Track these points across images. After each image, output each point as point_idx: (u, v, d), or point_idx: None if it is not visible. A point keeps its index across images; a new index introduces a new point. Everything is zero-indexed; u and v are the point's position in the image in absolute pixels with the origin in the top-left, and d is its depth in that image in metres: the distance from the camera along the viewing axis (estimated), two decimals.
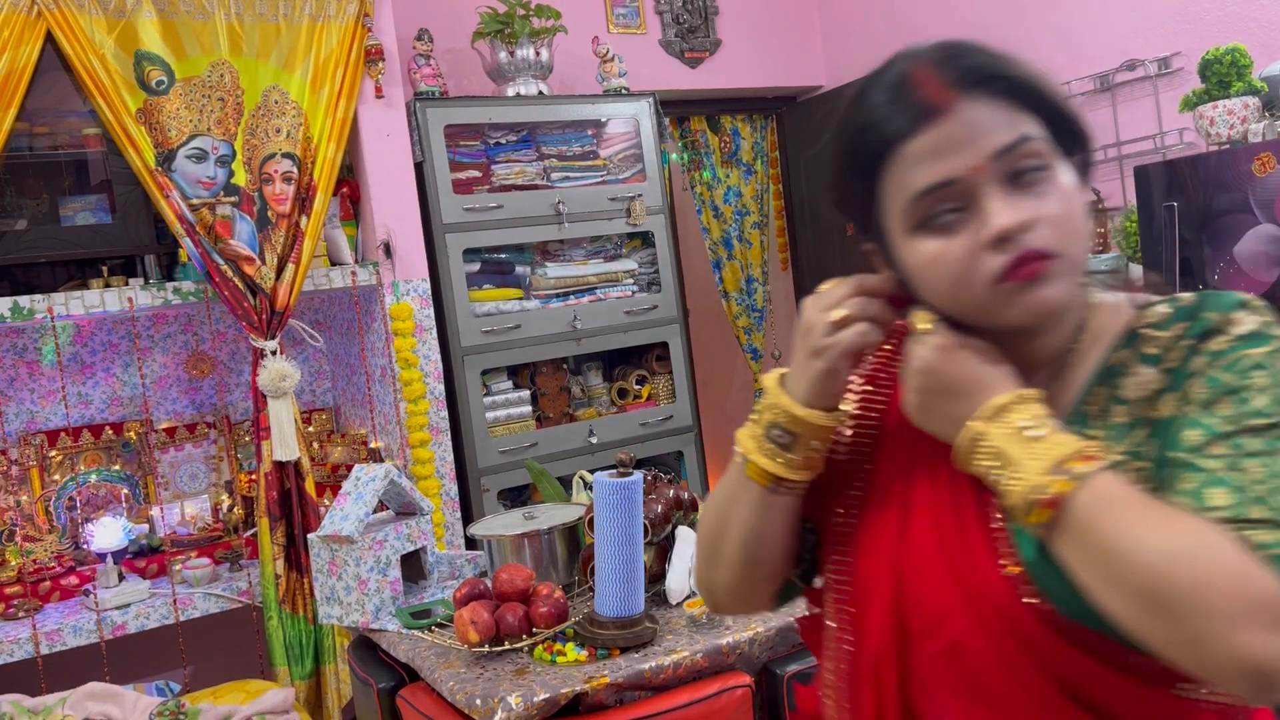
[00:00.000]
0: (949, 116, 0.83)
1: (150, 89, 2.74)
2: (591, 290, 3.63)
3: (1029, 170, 0.84)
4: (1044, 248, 0.83)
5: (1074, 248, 0.85)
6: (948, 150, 0.83)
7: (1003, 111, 0.84)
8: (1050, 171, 0.85)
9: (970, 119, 0.83)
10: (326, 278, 3.07)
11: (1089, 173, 0.91)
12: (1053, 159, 0.85)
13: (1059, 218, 0.84)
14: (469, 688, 1.63)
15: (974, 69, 0.85)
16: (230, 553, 3.01)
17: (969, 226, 0.84)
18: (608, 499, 1.70)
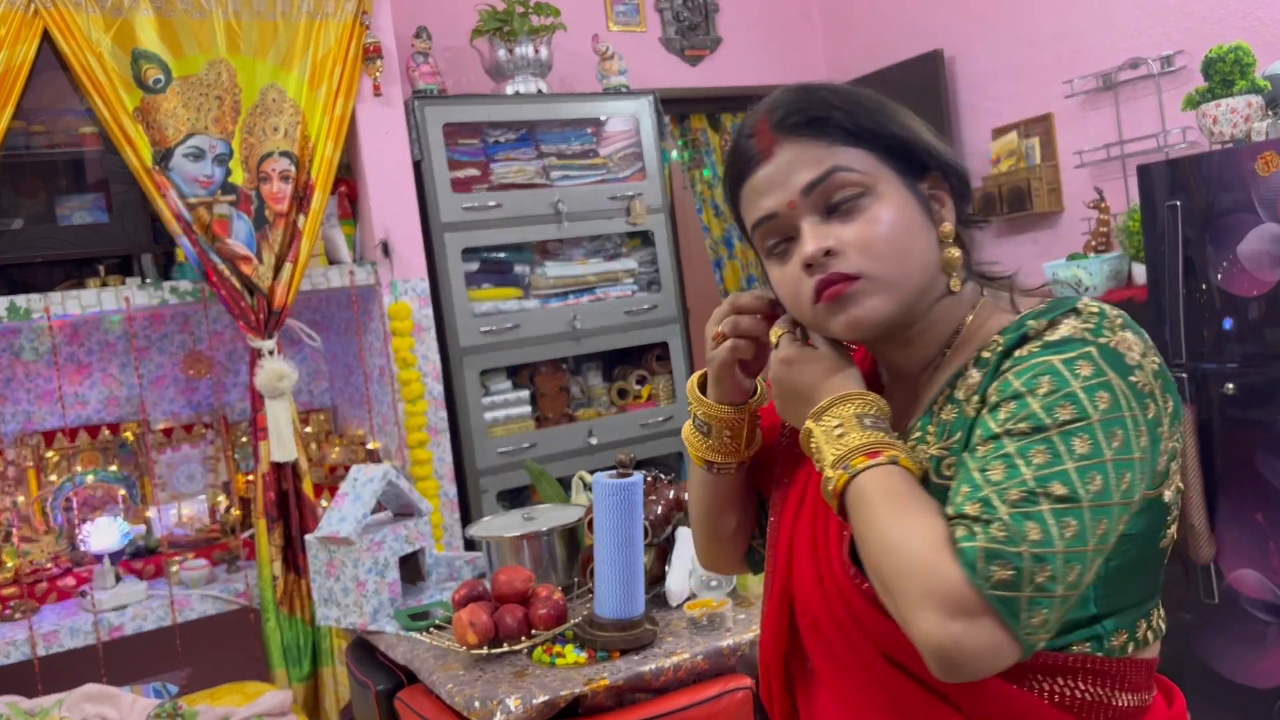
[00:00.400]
0: (770, 159, 0.95)
1: (147, 87, 2.73)
2: (591, 290, 3.62)
3: (845, 199, 0.93)
4: (847, 270, 0.92)
5: (881, 267, 0.92)
6: (769, 189, 0.96)
7: (817, 149, 0.94)
8: (868, 198, 0.93)
9: (786, 160, 0.95)
10: (324, 277, 3.05)
11: (947, 189, 0.98)
12: (875, 185, 0.93)
13: (865, 241, 0.92)
14: (467, 690, 1.62)
15: (792, 114, 0.95)
16: (228, 554, 2.99)
17: (795, 254, 0.96)
18: (607, 500, 1.69)
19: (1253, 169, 2.66)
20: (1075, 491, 0.81)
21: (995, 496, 0.81)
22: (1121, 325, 0.88)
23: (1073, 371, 0.84)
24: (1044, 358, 0.86)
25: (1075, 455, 0.82)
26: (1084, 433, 0.82)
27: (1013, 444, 0.83)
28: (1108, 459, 0.82)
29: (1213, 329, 2.78)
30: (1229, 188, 2.71)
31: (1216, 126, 2.90)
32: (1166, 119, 3.38)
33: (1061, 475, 0.81)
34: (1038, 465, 0.82)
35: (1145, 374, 0.86)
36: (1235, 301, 2.73)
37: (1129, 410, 0.84)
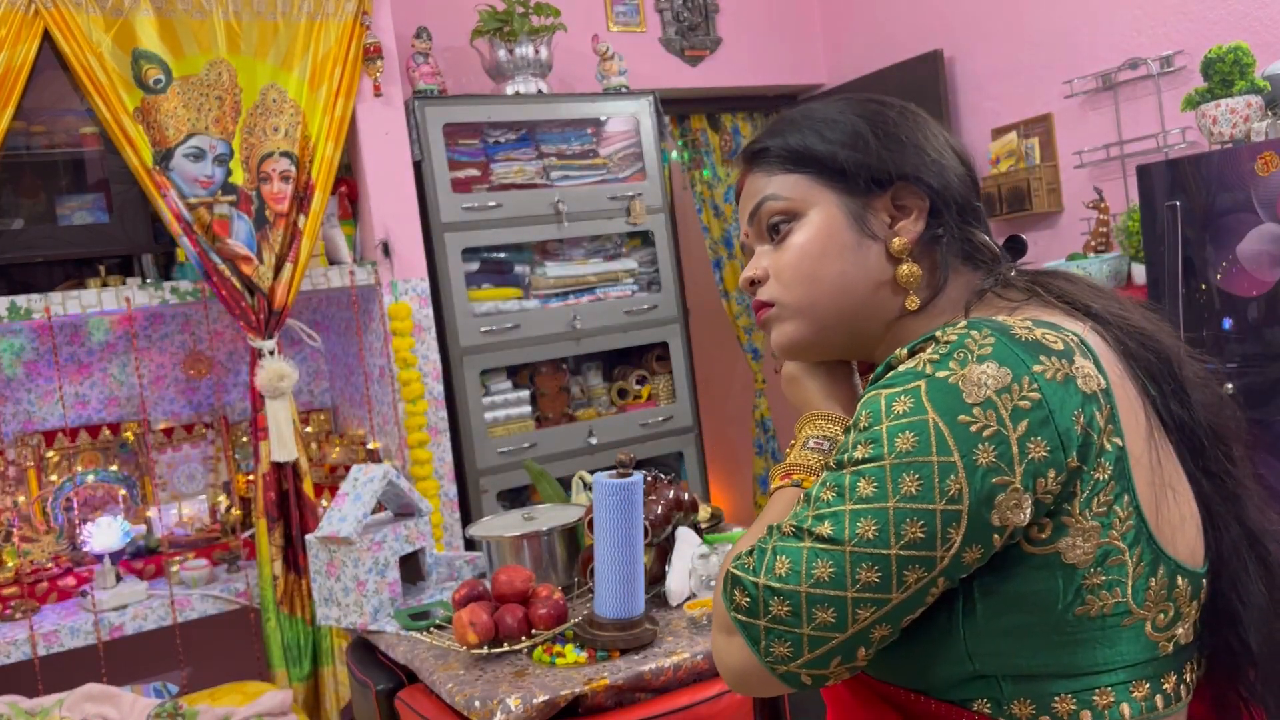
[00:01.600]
0: (742, 190, 1.02)
1: (148, 88, 2.73)
2: (591, 290, 3.62)
3: (776, 225, 0.97)
4: (763, 298, 0.99)
5: (788, 294, 0.96)
6: (740, 217, 1.03)
7: (760, 179, 0.98)
8: (794, 223, 0.96)
9: (747, 191, 1.00)
10: (324, 277, 3.06)
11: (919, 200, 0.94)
12: (804, 210, 0.96)
13: (780, 269, 0.97)
14: (468, 689, 1.62)
15: (751, 146, 1.00)
16: (228, 554, 2.99)
17: None
18: (607, 500, 1.69)
19: (1252, 169, 2.66)
20: (840, 534, 0.79)
21: (777, 528, 0.84)
22: (985, 355, 0.79)
23: (890, 408, 0.81)
24: (879, 389, 0.83)
25: (855, 497, 0.80)
26: (872, 475, 0.79)
27: (818, 480, 0.84)
28: (890, 505, 0.78)
29: (1212, 329, 2.78)
30: (1228, 188, 2.71)
31: (1216, 127, 2.90)
32: (1166, 119, 3.39)
33: (834, 515, 0.80)
34: (821, 502, 0.82)
35: (992, 414, 0.78)
36: (1235, 301, 2.73)
37: (940, 455, 0.77)
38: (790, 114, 1.01)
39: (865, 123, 0.96)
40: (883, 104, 0.98)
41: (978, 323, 0.82)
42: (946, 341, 0.81)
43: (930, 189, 0.94)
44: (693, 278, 4.86)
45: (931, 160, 0.94)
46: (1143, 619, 0.82)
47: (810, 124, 0.97)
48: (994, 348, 0.79)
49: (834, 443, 0.96)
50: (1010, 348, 0.79)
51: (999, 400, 0.78)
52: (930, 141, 0.96)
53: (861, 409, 0.83)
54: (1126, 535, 0.80)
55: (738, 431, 5.15)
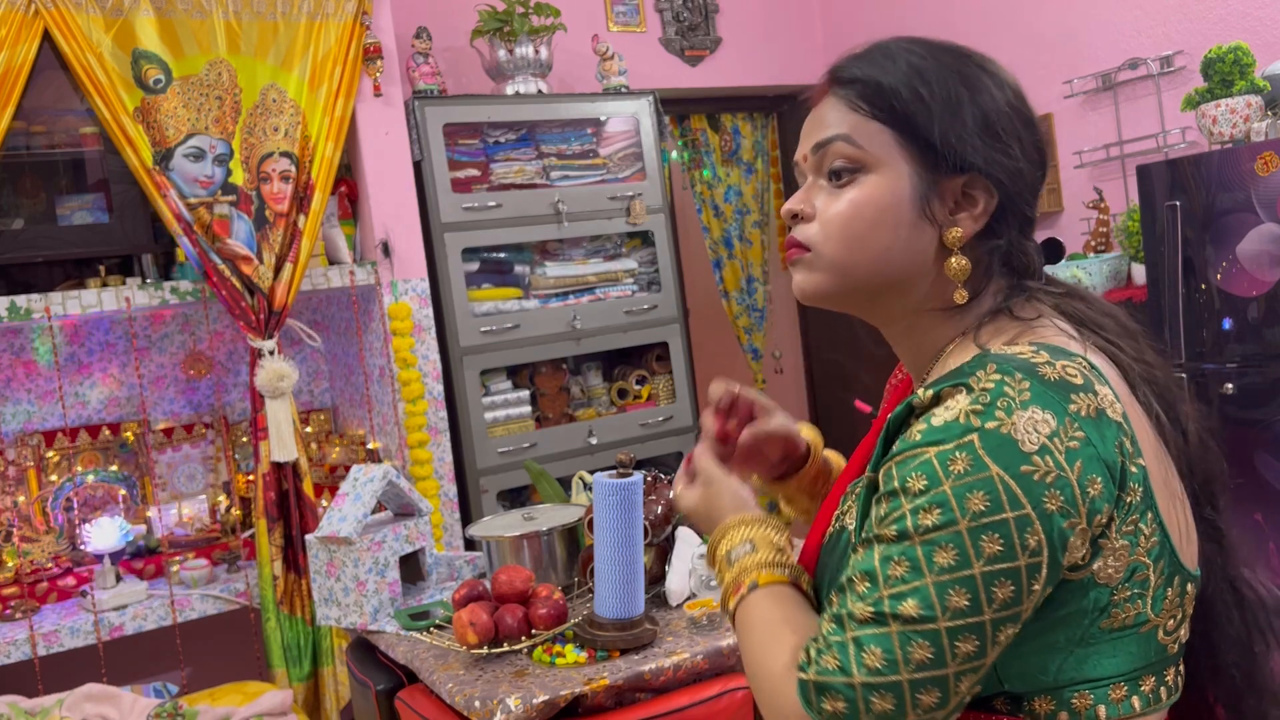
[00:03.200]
0: (816, 105, 0.95)
1: (148, 88, 2.73)
2: (591, 290, 3.62)
3: (840, 170, 0.91)
4: (800, 239, 0.93)
5: (829, 248, 0.91)
6: (804, 134, 0.95)
7: (842, 111, 0.91)
8: (861, 175, 0.90)
9: (819, 113, 0.94)
10: (324, 277, 3.06)
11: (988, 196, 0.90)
12: (875, 165, 0.90)
13: (830, 218, 0.91)
14: (468, 689, 1.62)
15: (845, 67, 0.93)
16: (228, 554, 2.99)
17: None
18: (607, 500, 1.69)
19: (1252, 169, 2.66)
20: (930, 611, 0.75)
21: (848, 616, 0.79)
22: (1027, 400, 0.77)
23: (946, 467, 0.77)
24: (922, 448, 0.78)
25: (936, 568, 0.76)
26: (949, 542, 0.76)
27: (879, 551, 0.79)
28: (976, 571, 0.75)
29: (1212, 329, 2.79)
30: (1228, 188, 2.71)
31: (1216, 127, 2.90)
32: (1166, 119, 3.39)
33: (917, 592, 0.76)
34: (895, 580, 0.77)
35: (1050, 460, 0.76)
36: (1234, 301, 2.73)
37: (1014, 510, 0.75)
38: (895, 49, 0.92)
39: (971, 99, 0.89)
40: (998, 81, 0.91)
41: (1006, 366, 0.79)
42: (984, 389, 0.78)
43: (1004, 191, 0.89)
44: (693, 278, 4.86)
45: (1015, 163, 0.89)
46: (1157, 625, 0.84)
47: (916, 74, 0.89)
48: (1032, 392, 0.78)
49: (754, 541, 0.94)
50: (1045, 390, 0.78)
51: (1053, 445, 0.76)
52: (1024, 140, 0.90)
53: (909, 471, 0.79)
54: (1151, 551, 0.82)
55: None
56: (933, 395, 0.81)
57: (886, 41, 0.94)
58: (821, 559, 0.96)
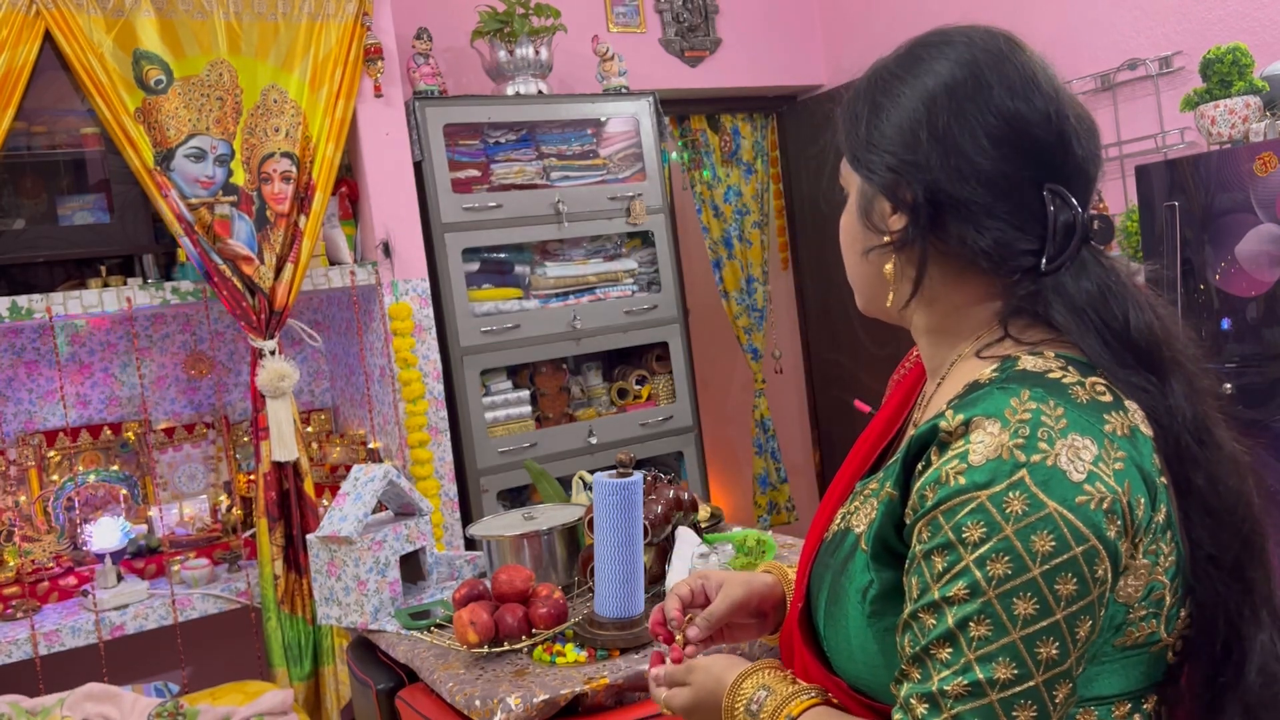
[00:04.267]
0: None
1: (149, 88, 2.74)
2: (591, 290, 3.62)
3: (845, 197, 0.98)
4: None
5: (847, 270, 0.98)
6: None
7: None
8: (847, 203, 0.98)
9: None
10: (325, 277, 3.06)
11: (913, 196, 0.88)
12: (848, 190, 0.97)
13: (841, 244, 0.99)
14: (468, 689, 1.63)
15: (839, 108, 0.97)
16: (229, 553, 3.00)
17: None
18: (607, 499, 1.70)
19: (1251, 169, 2.66)
20: (1024, 670, 0.73)
21: (940, 695, 0.74)
22: (1065, 428, 0.75)
23: (1003, 510, 0.73)
24: (970, 493, 0.75)
25: (1019, 622, 0.73)
26: (1026, 591, 0.73)
27: (952, 614, 0.74)
28: (1059, 617, 0.73)
29: (1211, 329, 2.79)
30: (1227, 188, 2.72)
31: (1215, 127, 2.91)
32: (1165, 120, 3.39)
33: (1007, 650, 0.73)
34: (980, 641, 0.73)
35: (1101, 485, 0.75)
36: (1233, 302, 2.74)
37: (1079, 544, 0.73)
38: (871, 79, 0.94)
39: (873, 111, 0.91)
40: (914, 72, 0.89)
41: (1038, 391, 0.77)
42: (1021, 421, 0.76)
43: (926, 188, 0.86)
44: (693, 278, 4.86)
45: (924, 158, 0.86)
46: (1167, 645, 0.83)
47: (849, 96, 0.96)
48: (1068, 418, 0.76)
49: (773, 682, 0.93)
50: (1080, 415, 0.77)
51: (1100, 470, 0.75)
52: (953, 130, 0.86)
53: (962, 520, 0.75)
54: (1169, 570, 0.81)
55: (738, 431, 5.16)
56: (961, 422, 0.78)
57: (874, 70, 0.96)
58: (821, 559, 0.94)
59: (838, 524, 0.94)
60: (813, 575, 0.95)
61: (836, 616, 0.89)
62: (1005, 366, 0.82)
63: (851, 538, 0.90)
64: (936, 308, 0.92)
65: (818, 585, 0.93)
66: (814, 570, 0.95)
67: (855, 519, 0.91)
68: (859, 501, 0.92)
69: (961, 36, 0.91)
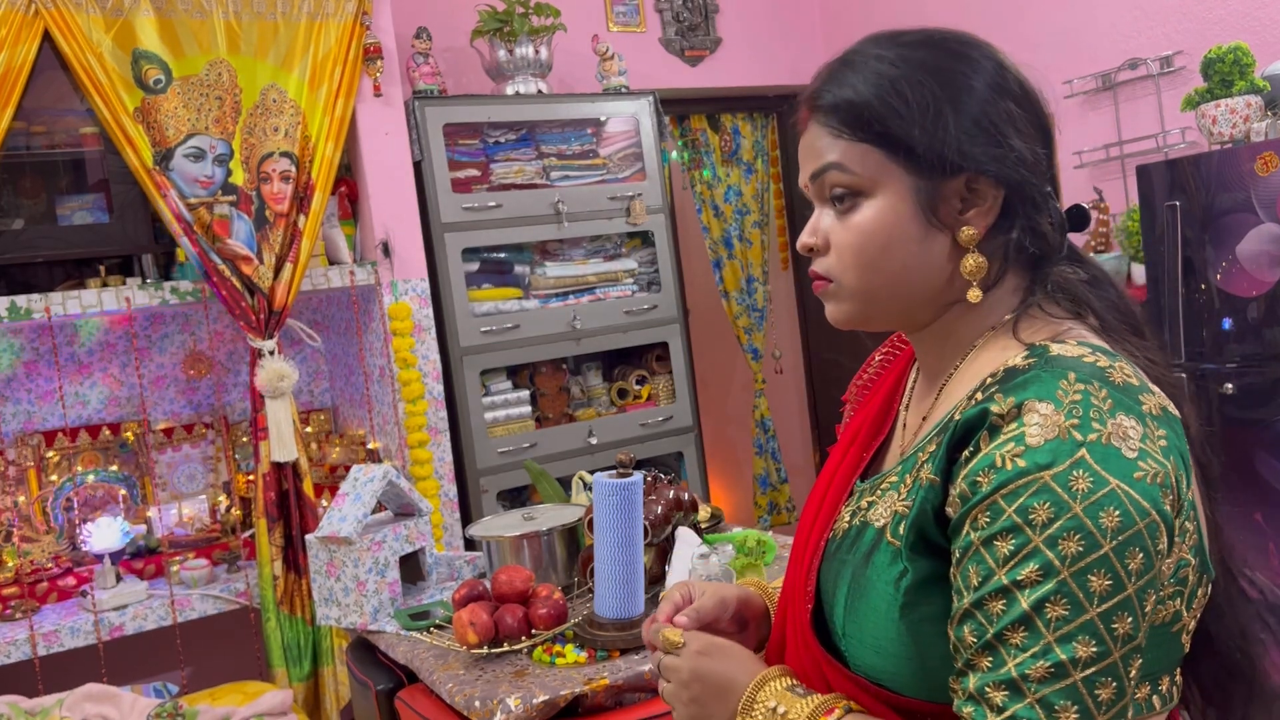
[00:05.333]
0: (803, 134, 0.93)
1: (148, 88, 2.73)
2: (591, 290, 3.62)
3: (840, 196, 0.90)
4: (820, 271, 0.93)
5: (849, 277, 0.91)
6: (801, 160, 0.94)
7: (826, 138, 0.90)
8: (861, 199, 0.89)
9: (808, 140, 0.92)
10: (325, 277, 3.06)
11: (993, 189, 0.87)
12: (872, 187, 0.88)
13: (841, 248, 0.90)
14: (468, 689, 1.62)
15: (819, 92, 0.91)
16: (228, 554, 2.99)
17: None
18: (607, 500, 1.69)
19: (1252, 169, 2.66)
20: (1104, 646, 0.73)
21: (1022, 679, 0.74)
22: (1112, 408, 0.77)
23: (1069, 489, 0.74)
24: (1031, 475, 0.75)
25: (1095, 599, 0.73)
26: (1100, 567, 0.73)
27: (1026, 596, 0.74)
28: (1130, 590, 0.74)
29: (1212, 329, 2.79)
30: (1228, 188, 2.72)
31: (1216, 127, 2.90)
32: (1166, 119, 3.39)
33: (1086, 628, 0.73)
34: (1058, 621, 0.73)
35: (1153, 462, 0.76)
36: (1234, 301, 2.73)
37: (1142, 518, 0.74)
38: (863, 60, 0.91)
39: (950, 98, 0.87)
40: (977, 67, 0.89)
41: (1082, 374, 0.78)
42: (1073, 402, 0.76)
43: (1008, 181, 0.86)
44: (693, 278, 4.86)
45: (1011, 151, 0.86)
46: (1185, 625, 0.83)
47: (889, 85, 0.88)
48: (1112, 399, 0.77)
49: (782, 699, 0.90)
50: (1120, 395, 0.78)
51: (1147, 447, 0.76)
52: (1017, 120, 0.87)
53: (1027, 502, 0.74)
54: (1193, 548, 0.81)
55: (738, 431, 5.15)
56: (1013, 405, 0.78)
57: (854, 50, 0.93)
58: (834, 555, 0.92)
59: (848, 520, 0.93)
60: (823, 573, 0.94)
61: (860, 609, 0.88)
62: (1037, 352, 0.82)
63: (872, 531, 0.89)
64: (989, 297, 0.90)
65: (833, 582, 0.92)
66: (825, 568, 0.94)
67: (873, 513, 0.90)
68: (873, 496, 0.91)
69: (970, 37, 0.92)
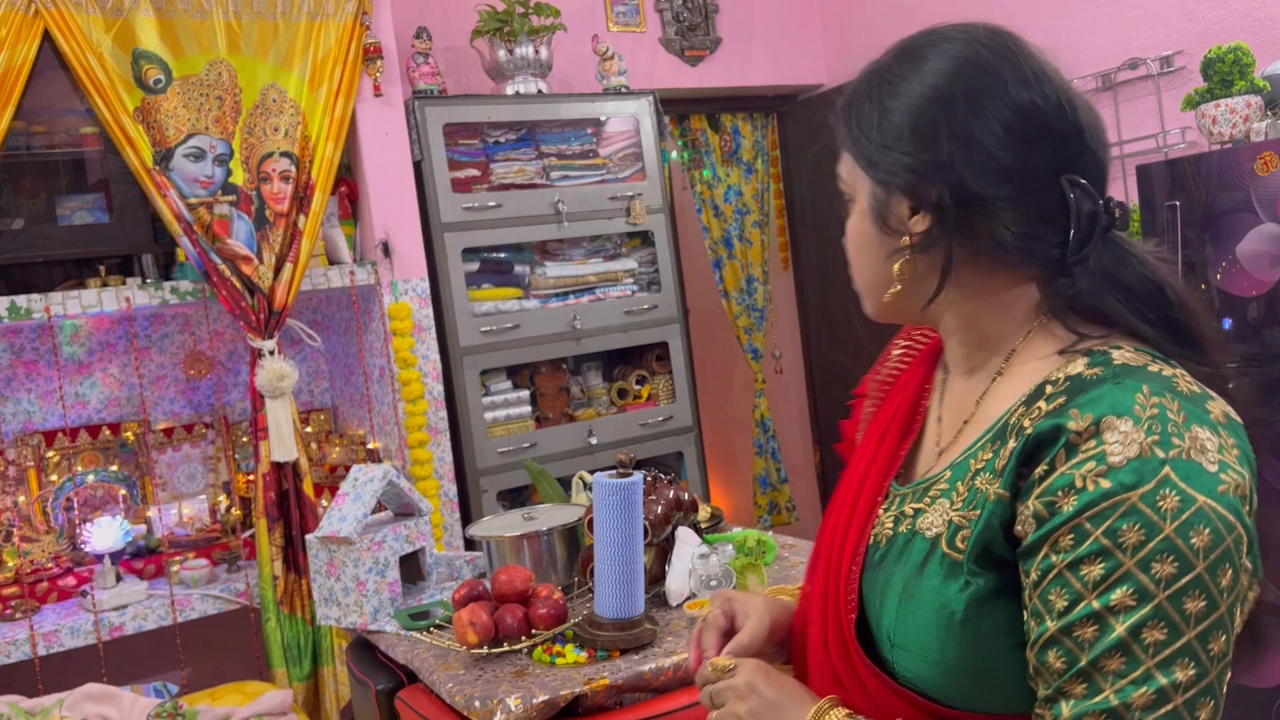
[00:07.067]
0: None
1: (148, 88, 2.73)
2: (591, 290, 3.62)
3: (845, 202, 0.96)
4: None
5: (854, 278, 0.97)
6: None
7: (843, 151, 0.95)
8: (849, 206, 0.95)
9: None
10: (324, 277, 3.06)
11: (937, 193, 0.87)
12: (855, 195, 0.94)
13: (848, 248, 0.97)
14: (468, 689, 1.62)
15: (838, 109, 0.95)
16: (228, 554, 2.99)
17: None
18: (607, 500, 1.69)
19: (1252, 169, 2.66)
20: (1203, 668, 0.72)
21: (1125, 707, 0.72)
22: (1187, 420, 0.75)
23: (1158, 510, 0.73)
24: (1118, 496, 0.73)
25: (1192, 621, 0.72)
26: (1195, 588, 0.72)
27: (1122, 622, 0.73)
28: (1223, 608, 0.73)
29: None
30: (1228, 188, 2.72)
31: (1215, 127, 2.90)
32: (1165, 119, 3.39)
33: (1184, 651, 0.72)
34: (1157, 646, 0.72)
35: (1232, 474, 0.75)
36: (1234, 301, 2.73)
37: (1230, 534, 0.73)
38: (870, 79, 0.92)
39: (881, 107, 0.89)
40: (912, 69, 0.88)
41: (1155, 387, 0.77)
42: (1151, 417, 0.75)
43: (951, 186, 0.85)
44: (693, 278, 4.86)
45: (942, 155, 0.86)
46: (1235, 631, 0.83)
47: (850, 95, 0.93)
48: (1185, 411, 0.76)
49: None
50: (1191, 406, 0.77)
51: (1225, 458, 0.76)
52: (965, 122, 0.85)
53: (1115, 524, 0.73)
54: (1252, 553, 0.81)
55: (738, 431, 5.15)
56: (1091, 422, 0.76)
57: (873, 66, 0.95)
58: (879, 565, 0.91)
59: (891, 528, 0.91)
60: (866, 581, 0.92)
61: (913, 620, 0.86)
62: (1101, 361, 0.81)
63: (922, 541, 0.87)
64: (967, 306, 0.91)
65: (879, 591, 0.90)
66: (867, 576, 0.92)
67: (923, 521, 0.88)
68: (920, 503, 0.90)
69: (960, 34, 0.90)
